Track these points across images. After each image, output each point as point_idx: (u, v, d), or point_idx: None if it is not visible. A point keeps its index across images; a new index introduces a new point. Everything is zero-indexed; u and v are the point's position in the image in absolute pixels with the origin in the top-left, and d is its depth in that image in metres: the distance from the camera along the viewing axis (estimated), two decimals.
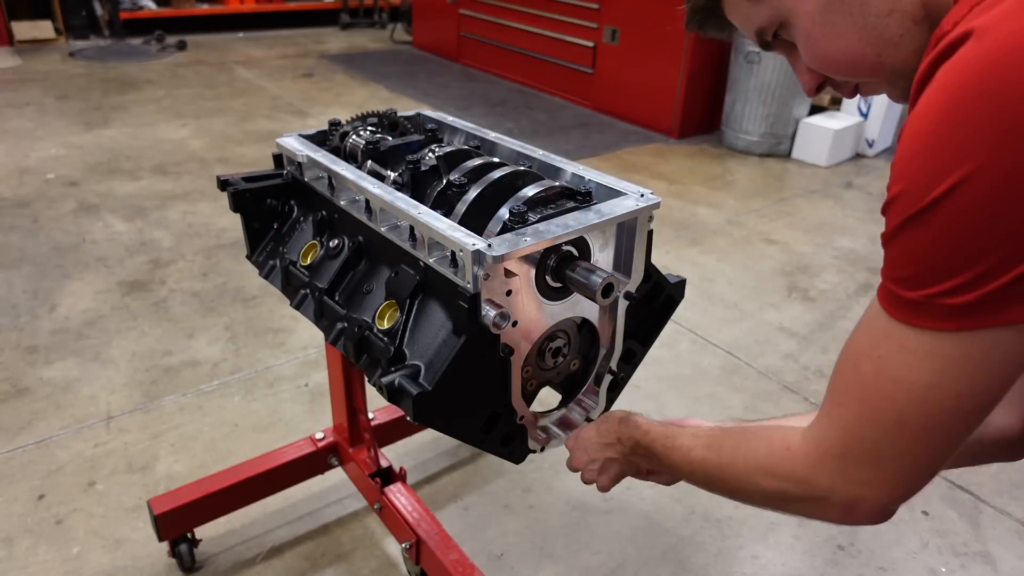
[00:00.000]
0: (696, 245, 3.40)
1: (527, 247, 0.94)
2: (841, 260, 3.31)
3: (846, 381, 0.74)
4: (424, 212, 1.02)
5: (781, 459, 0.80)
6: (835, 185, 4.21)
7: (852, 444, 0.73)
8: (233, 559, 1.75)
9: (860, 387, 0.72)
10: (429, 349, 0.99)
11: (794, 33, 0.81)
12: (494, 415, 1.07)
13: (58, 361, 2.39)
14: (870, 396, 0.70)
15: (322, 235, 1.26)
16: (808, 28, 0.78)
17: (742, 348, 2.61)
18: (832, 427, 0.75)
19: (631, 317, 1.16)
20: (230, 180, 1.34)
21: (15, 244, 3.11)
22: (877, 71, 0.78)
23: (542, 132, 4.94)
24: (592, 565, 1.77)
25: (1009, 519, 1.93)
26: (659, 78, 4.86)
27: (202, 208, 3.53)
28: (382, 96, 5.59)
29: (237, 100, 5.29)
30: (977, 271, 0.61)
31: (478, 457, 2.07)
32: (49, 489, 1.90)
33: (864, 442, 0.72)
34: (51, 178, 3.80)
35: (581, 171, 1.18)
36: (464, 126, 1.44)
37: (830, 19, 0.76)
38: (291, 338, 2.55)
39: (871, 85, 0.82)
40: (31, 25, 6.64)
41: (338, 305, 1.16)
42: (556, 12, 5.50)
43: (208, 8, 7.59)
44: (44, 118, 4.68)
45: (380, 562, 1.76)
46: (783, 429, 0.82)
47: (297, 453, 1.77)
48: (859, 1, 0.74)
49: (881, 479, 0.72)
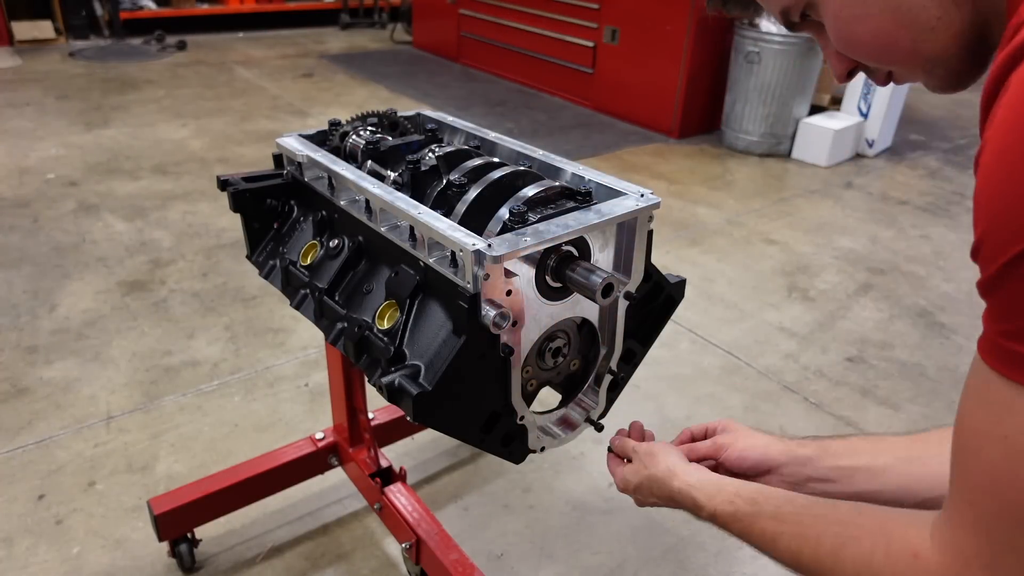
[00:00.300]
0: (696, 245, 3.40)
1: (527, 247, 0.93)
2: (841, 260, 3.31)
3: (972, 473, 0.61)
4: (424, 212, 1.02)
5: (907, 568, 0.66)
6: (835, 185, 4.21)
7: (1002, 554, 0.59)
8: (233, 559, 1.75)
9: (992, 479, 0.58)
10: (429, 349, 0.99)
11: (822, 13, 0.74)
12: (494, 415, 1.07)
13: (58, 361, 2.39)
14: (1008, 489, 0.57)
15: (322, 235, 1.26)
16: (837, 8, 0.71)
17: (742, 348, 2.61)
18: (970, 532, 0.61)
19: (631, 317, 1.16)
20: (230, 180, 1.33)
21: (15, 244, 3.11)
22: (912, 57, 0.70)
23: (542, 132, 4.94)
24: (592, 565, 1.77)
25: None
26: (659, 78, 4.86)
27: (202, 208, 3.53)
28: (382, 96, 5.59)
29: (237, 100, 5.29)
30: None
31: (478, 457, 2.07)
32: (49, 489, 1.90)
33: (1017, 550, 0.58)
34: (51, 178, 3.80)
35: (581, 171, 1.18)
36: (464, 126, 1.44)
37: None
38: (291, 338, 2.55)
39: (905, 73, 0.75)
40: (31, 25, 6.64)
41: (338, 305, 1.16)
42: (556, 12, 5.50)
43: (208, 8, 7.59)
44: (44, 118, 4.68)
45: (380, 562, 1.76)
46: (901, 526, 0.69)
47: (297, 453, 1.77)
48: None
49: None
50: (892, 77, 0.77)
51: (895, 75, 0.76)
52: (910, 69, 0.73)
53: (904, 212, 3.86)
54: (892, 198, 4.06)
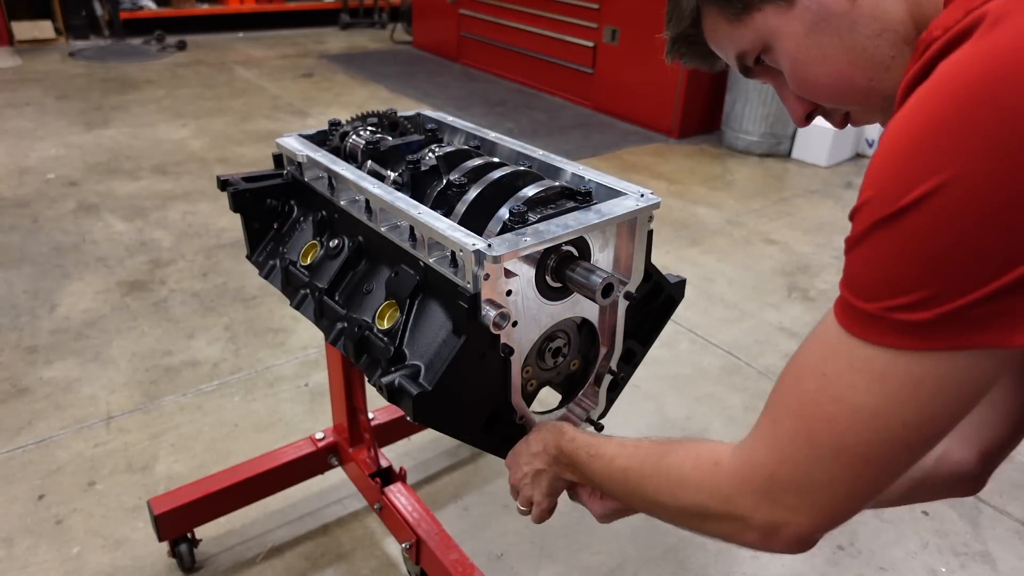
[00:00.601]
0: (696, 245, 3.40)
1: (527, 247, 0.94)
2: (841, 260, 3.27)
3: (785, 397, 0.69)
4: (424, 212, 1.02)
5: (707, 474, 0.75)
6: (835, 185, 4.21)
7: (783, 465, 0.67)
8: (233, 559, 1.75)
9: (800, 405, 0.66)
10: (429, 349, 0.99)
11: (778, 58, 0.76)
12: (494, 415, 1.07)
13: (58, 361, 2.39)
14: (809, 416, 0.65)
15: (322, 235, 1.26)
16: (793, 51, 0.74)
17: (742, 348, 2.61)
18: (764, 445, 0.70)
19: (631, 317, 1.16)
20: (230, 180, 1.34)
21: (15, 244, 3.11)
22: (868, 97, 0.73)
23: (542, 132, 4.94)
24: (592, 565, 1.77)
25: (1009, 519, 1.93)
26: (659, 78, 4.86)
27: (202, 208, 3.53)
28: (382, 96, 5.59)
29: (237, 100, 5.29)
30: (939, 287, 0.56)
31: (478, 457, 2.07)
32: (49, 489, 1.90)
33: (796, 465, 0.67)
34: (51, 178, 3.80)
35: (581, 171, 1.18)
36: (464, 126, 1.44)
37: (817, 41, 0.72)
38: (291, 338, 2.55)
39: (862, 113, 0.78)
40: (31, 25, 6.64)
41: (338, 305, 1.16)
42: (556, 12, 5.50)
43: (208, 8, 7.59)
44: (44, 118, 4.68)
45: (380, 562, 1.76)
46: (714, 443, 0.77)
47: (297, 453, 1.77)
48: (847, 22, 0.69)
49: (808, 506, 0.67)
50: (849, 119, 0.80)
51: (852, 116, 0.79)
52: (867, 109, 0.76)
53: None
54: None
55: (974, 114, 0.53)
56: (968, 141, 0.53)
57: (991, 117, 0.52)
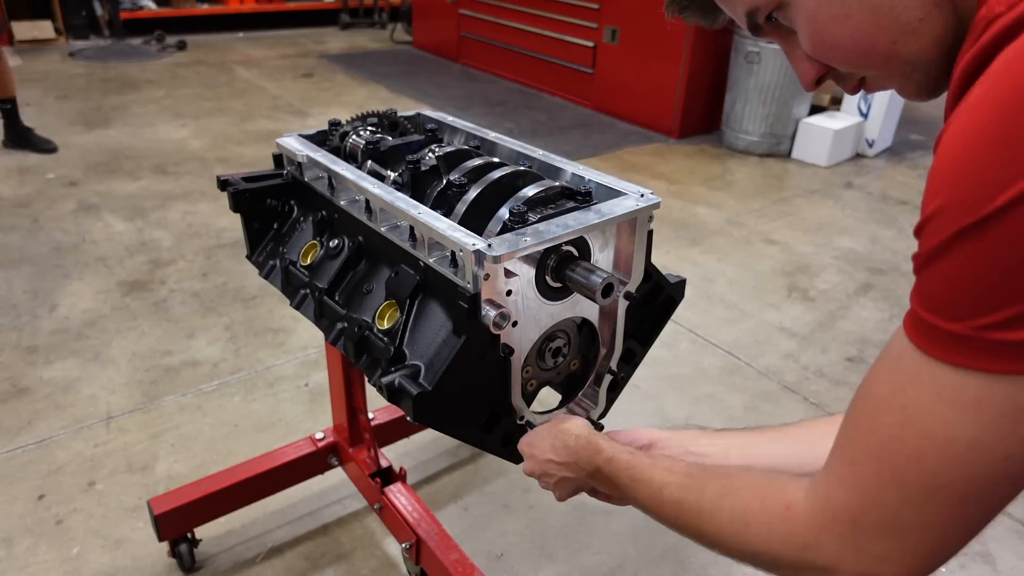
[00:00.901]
0: (696, 245, 3.40)
1: (527, 247, 0.93)
2: (841, 260, 3.31)
3: (862, 434, 0.62)
4: (424, 212, 1.02)
5: (778, 519, 0.68)
6: (835, 185, 4.21)
7: (868, 510, 0.60)
8: (233, 559, 1.75)
9: (880, 442, 0.59)
10: (429, 349, 0.99)
11: (793, 15, 0.69)
12: (494, 415, 1.07)
13: (58, 361, 2.39)
14: (893, 454, 0.58)
15: (322, 235, 1.26)
16: (813, 8, 0.67)
17: (742, 348, 2.61)
18: (844, 488, 0.62)
19: (631, 317, 1.16)
20: (230, 180, 1.34)
21: (15, 244, 3.11)
22: (889, 61, 0.66)
23: (542, 132, 4.94)
24: (592, 565, 1.77)
25: (1009, 519, 1.93)
26: (659, 78, 4.86)
27: (202, 208, 3.53)
28: (382, 96, 5.59)
29: (237, 100, 5.29)
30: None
31: (478, 457, 2.07)
32: (49, 489, 1.90)
33: (883, 508, 0.59)
34: (51, 178, 3.80)
35: (581, 171, 1.18)
36: (464, 126, 1.44)
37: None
38: (291, 338, 2.55)
39: (879, 78, 0.70)
40: (31, 25, 6.64)
41: (338, 305, 1.16)
42: (556, 12, 5.50)
43: (208, 8, 7.59)
44: (44, 118, 4.68)
45: (380, 562, 1.76)
46: (780, 482, 0.71)
47: (297, 453, 1.77)
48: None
49: (900, 553, 0.60)
50: (864, 84, 0.73)
51: (867, 82, 0.72)
52: (886, 74, 0.69)
53: (904, 212, 3.86)
54: (892, 198, 4.06)
55: None
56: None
57: None
